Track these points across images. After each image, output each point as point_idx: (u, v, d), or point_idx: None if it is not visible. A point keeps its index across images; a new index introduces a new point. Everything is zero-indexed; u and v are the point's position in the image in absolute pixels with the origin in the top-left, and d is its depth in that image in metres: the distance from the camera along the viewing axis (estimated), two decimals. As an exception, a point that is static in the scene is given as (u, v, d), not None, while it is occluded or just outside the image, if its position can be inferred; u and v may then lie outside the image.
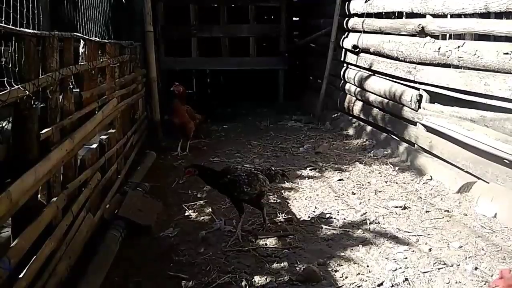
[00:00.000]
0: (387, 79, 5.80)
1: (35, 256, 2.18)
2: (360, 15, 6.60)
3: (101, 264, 2.92)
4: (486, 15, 4.26)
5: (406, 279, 2.84)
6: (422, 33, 4.97)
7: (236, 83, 9.81)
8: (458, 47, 4.27)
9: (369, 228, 3.57)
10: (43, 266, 2.29)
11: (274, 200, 4.21)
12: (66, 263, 2.65)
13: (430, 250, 3.21)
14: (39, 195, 2.45)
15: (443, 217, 3.74)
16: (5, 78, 2.01)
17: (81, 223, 2.99)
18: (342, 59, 7.21)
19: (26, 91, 2.10)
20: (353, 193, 4.31)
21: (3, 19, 2.03)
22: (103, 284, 2.77)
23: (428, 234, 3.45)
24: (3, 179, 2.07)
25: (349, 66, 7.03)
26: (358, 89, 6.62)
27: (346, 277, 2.89)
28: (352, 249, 3.24)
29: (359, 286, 2.80)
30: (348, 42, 6.85)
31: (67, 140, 2.71)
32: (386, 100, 5.82)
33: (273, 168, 3.81)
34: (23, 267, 2.07)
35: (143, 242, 3.40)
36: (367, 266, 3.01)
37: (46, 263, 2.34)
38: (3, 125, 2.15)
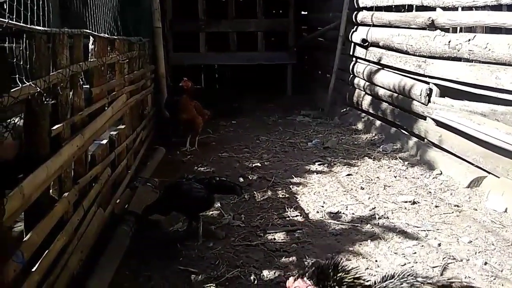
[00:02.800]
0: (397, 73, 5.76)
1: (47, 251, 2.21)
2: (369, 9, 6.55)
3: (111, 258, 2.96)
4: (497, 7, 4.21)
5: (415, 274, 2.84)
6: (432, 26, 4.93)
7: (244, 78, 9.82)
8: (469, 40, 4.22)
9: (378, 223, 3.57)
10: (55, 260, 2.33)
11: (282, 195, 4.23)
12: (77, 258, 2.69)
13: (439, 245, 3.20)
14: (50, 191, 2.49)
15: (452, 212, 3.73)
16: (17, 75, 2.04)
17: (92, 218, 3.03)
18: (351, 53, 7.17)
19: (37, 88, 2.13)
20: (362, 188, 4.31)
21: (14, 16, 2.06)
22: (113, 278, 2.82)
23: (438, 229, 3.44)
24: (16, 175, 2.11)
25: (358, 60, 6.99)
26: (367, 83, 6.58)
27: (355, 272, 2.90)
28: (361, 244, 3.24)
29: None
30: (357, 36, 6.81)
31: (78, 136, 2.74)
32: (395, 94, 5.79)
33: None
34: (36, 261, 2.11)
35: (153, 237, 3.44)
36: (376, 261, 3.02)
37: (58, 258, 2.38)
38: (15, 121, 2.18)
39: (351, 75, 7.20)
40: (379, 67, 6.27)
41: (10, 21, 1.93)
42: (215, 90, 9.95)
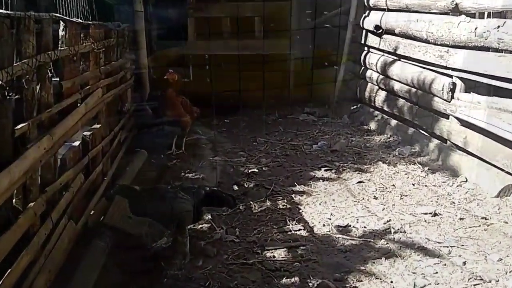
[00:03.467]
0: (415, 65, 5.78)
1: (9, 270, 2.20)
2: (384, -9, 6.57)
3: (85, 278, 2.95)
4: (531, -11, 4.23)
5: (437, 297, 2.85)
6: (456, 11, 4.94)
7: (240, 70, 9.81)
8: (498, 27, 4.24)
9: (394, 238, 3.58)
10: (18, 281, 2.31)
11: (283, 205, 4.23)
12: (45, 277, 2.68)
13: (464, 263, 3.21)
14: (13, 200, 2.48)
15: (479, 225, 3.74)
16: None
17: (62, 231, 3.01)
18: (362, 41, 7.20)
19: (-1, 81, 2.12)
20: (375, 198, 4.32)
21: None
22: (87, 301, 2.81)
23: (462, 245, 3.45)
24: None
25: (371, 49, 7.02)
26: (381, 76, 6.61)
27: (367, 295, 2.90)
28: (374, 262, 3.25)
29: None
30: (370, 22, 6.83)
31: (46, 137, 2.73)
32: (413, 90, 5.81)
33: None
34: (-4, 282, 2.09)
35: (133, 253, 3.42)
36: (391, 282, 3.03)
37: (22, 278, 2.36)
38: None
39: (363, 67, 7.22)
40: (395, 57, 6.29)
41: (-34, 3, 1.92)
42: (206, 83, 9.95)
